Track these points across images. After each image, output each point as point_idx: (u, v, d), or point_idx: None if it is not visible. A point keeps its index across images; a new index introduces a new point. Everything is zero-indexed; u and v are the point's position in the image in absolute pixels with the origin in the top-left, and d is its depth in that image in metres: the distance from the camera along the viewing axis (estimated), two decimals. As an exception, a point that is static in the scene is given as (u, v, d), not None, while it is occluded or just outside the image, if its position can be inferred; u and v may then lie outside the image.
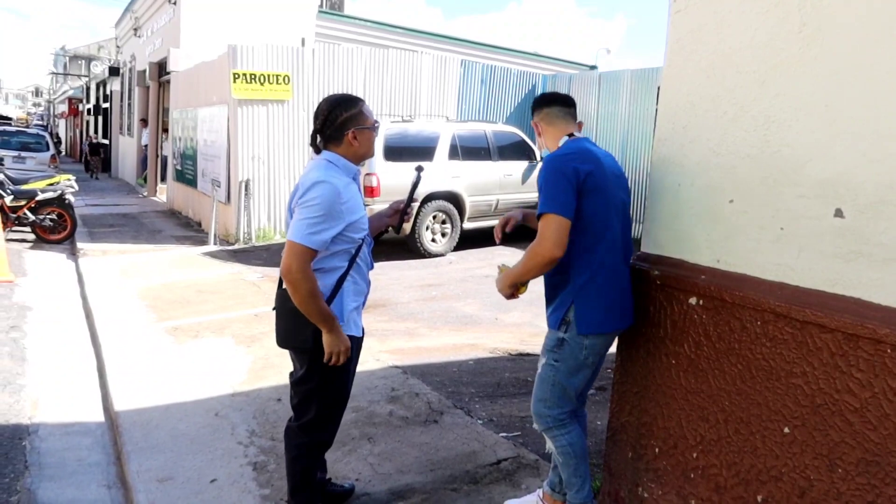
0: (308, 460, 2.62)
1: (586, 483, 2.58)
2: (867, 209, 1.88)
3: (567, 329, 2.43)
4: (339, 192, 2.33)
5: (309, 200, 2.29)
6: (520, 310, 6.29)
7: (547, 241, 2.28)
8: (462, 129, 9.36)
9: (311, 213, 2.28)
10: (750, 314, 2.17)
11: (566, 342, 2.44)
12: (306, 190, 2.32)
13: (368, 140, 2.51)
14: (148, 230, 11.24)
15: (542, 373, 2.53)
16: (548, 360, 2.50)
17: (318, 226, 2.28)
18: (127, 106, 20.41)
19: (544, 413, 2.54)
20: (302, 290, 2.28)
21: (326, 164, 2.43)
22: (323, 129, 2.47)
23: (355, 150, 2.47)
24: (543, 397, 2.53)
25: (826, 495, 1.97)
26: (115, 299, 6.63)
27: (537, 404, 2.56)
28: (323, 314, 2.34)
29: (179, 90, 13.58)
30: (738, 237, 2.24)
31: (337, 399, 2.59)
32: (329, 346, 2.38)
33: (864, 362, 1.87)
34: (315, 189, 2.30)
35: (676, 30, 2.48)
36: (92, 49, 37.16)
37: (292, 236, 2.29)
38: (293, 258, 2.27)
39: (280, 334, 2.52)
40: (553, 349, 2.48)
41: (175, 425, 3.73)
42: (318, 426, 2.56)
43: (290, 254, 2.28)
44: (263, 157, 9.98)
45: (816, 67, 2.00)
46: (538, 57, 20.49)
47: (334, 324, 2.38)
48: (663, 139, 2.52)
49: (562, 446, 2.55)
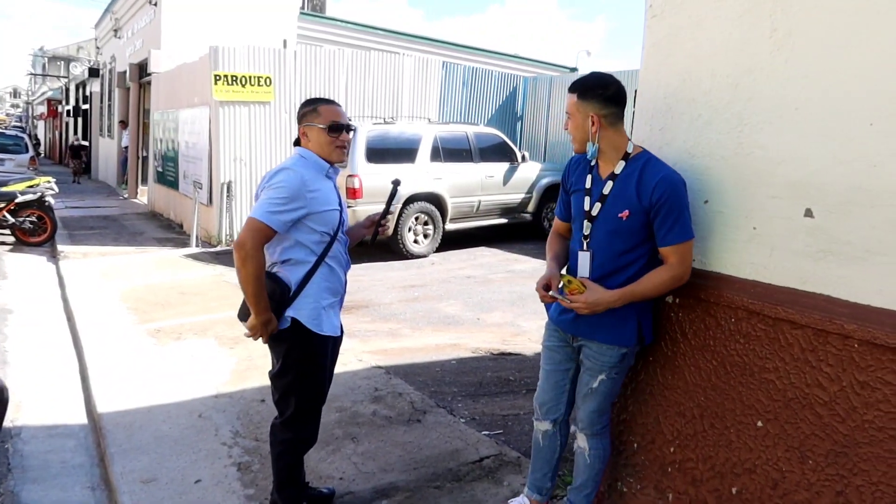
0: (292, 457, 2.66)
1: (596, 489, 2.57)
2: (836, 209, 1.95)
3: (633, 344, 2.37)
4: (304, 180, 2.41)
5: (274, 184, 2.39)
6: (501, 310, 6.35)
7: (689, 268, 2.24)
8: (444, 130, 9.40)
9: (274, 194, 2.36)
10: (724, 311, 2.23)
11: (627, 356, 2.39)
12: (272, 175, 2.43)
13: (318, 138, 2.50)
14: (129, 232, 11.16)
15: (598, 387, 2.40)
16: (608, 376, 2.39)
17: (280, 206, 2.35)
18: (107, 107, 20.23)
19: (597, 420, 2.48)
20: (249, 266, 2.33)
21: (296, 158, 2.53)
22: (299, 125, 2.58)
23: (313, 147, 2.52)
24: (599, 408, 2.45)
25: (797, 486, 2.04)
26: (97, 301, 6.59)
27: (592, 415, 2.46)
28: (256, 296, 2.37)
29: (160, 91, 13.49)
30: (713, 237, 2.30)
31: (314, 394, 2.62)
32: (250, 321, 2.43)
33: (832, 357, 1.94)
34: (280, 174, 2.41)
35: (653, 34, 2.54)
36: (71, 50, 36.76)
37: (253, 213, 2.36)
38: (250, 233, 2.33)
39: (243, 308, 2.56)
40: (615, 364, 2.37)
41: (159, 427, 3.73)
42: (298, 422, 2.60)
43: (248, 229, 2.34)
44: (245, 158, 9.96)
45: (787, 71, 2.07)
46: (519, 59, 20.59)
47: (262, 308, 2.39)
48: (640, 141, 2.57)
49: (597, 449, 2.51)
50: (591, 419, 2.47)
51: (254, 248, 2.33)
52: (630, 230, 2.25)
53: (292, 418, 2.59)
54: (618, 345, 2.34)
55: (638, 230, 2.25)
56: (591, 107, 2.25)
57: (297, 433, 2.62)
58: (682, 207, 2.20)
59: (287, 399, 2.58)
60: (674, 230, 2.19)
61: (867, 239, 1.88)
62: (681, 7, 2.41)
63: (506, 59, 19.70)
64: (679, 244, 2.20)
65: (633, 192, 2.23)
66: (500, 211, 9.91)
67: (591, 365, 2.40)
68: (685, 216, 2.20)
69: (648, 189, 2.20)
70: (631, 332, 2.33)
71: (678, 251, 2.21)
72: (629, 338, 2.33)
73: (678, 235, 2.19)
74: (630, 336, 2.33)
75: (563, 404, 2.56)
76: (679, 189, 2.21)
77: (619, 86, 2.27)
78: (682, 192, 2.21)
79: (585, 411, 2.47)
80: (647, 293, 2.27)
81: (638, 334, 2.34)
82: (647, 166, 2.25)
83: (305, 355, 2.53)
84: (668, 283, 2.24)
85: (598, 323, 2.33)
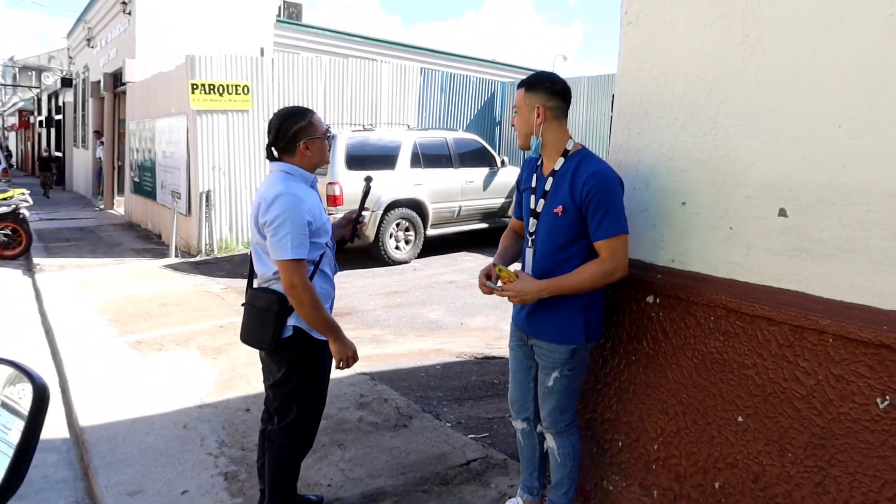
0: (290, 461, 2.68)
1: (573, 486, 2.59)
2: (808, 208, 2.01)
3: (580, 344, 2.40)
4: (300, 199, 2.41)
5: (278, 217, 2.36)
6: (484, 314, 6.39)
7: (622, 262, 2.26)
8: (423, 137, 9.44)
9: (284, 228, 2.35)
10: (703, 310, 2.29)
11: (578, 352, 2.41)
12: (269, 205, 2.38)
13: (320, 149, 2.57)
14: (106, 244, 11.04)
15: (554, 385, 2.44)
16: (561, 373, 2.42)
17: (297, 237, 2.36)
18: (81, 118, 19.97)
19: (559, 418, 2.50)
20: (306, 301, 2.38)
21: (284, 176, 2.50)
22: (276, 141, 2.54)
23: (309, 159, 2.54)
24: (559, 406, 2.48)
25: (778, 479, 2.09)
26: (75, 314, 6.51)
27: (553, 412, 2.49)
28: (327, 323, 2.47)
29: (136, 101, 13.37)
30: (691, 237, 2.35)
31: (316, 399, 2.66)
32: (337, 353, 2.51)
33: (808, 352, 2.00)
34: (278, 203, 2.37)
35: (629, 40, 2.59)
36: (42, 60, 36.27)
37: (281, 255, 2.36)
38: (292, 274, 2.35)
39: (245, 330, 2.59)
40: (566, 361, 2.40)
41: (143, 439, 3.71)
42: (299, 427, 2.63)
43: (287, 271, 2.36)
44: (224, 167, 9.91)
45: (759, 75, 2.13)
46: (497, 64, 20.70)
47: (339, 332, 2.51)
48: (619, 145, 2.63)
49: (565, 447, 2.53)
50: (552, 417, 2.50)
51: (301, 283, 2.37)
52: (566, 226, 2.31)
53: (293, 424, 2.61)
54: (564, 343, 2.38)
55: (573, 226, 2.31)
56: (537, 98, 2.33)
57: (296, 438, 2.64)
58: (611, 201, 2.25)
59: (289, 405, 2.60)
60: (603, 224, 2.24)
61: (839, 237, 1.94)
62: (655, 14, 2.47)
63: (483, 65, 19.78)
64: (609, 238, 2.24)
65: (567, 187, 2.30)
66: (481, 216, 9.96)
67: (544, 364, 2.46)
68: (616, 210, 2.25)
69: (580, 184, 2.26)
70: (577, 330, 2.36)
71: (609, 245, 2.25)
72: (575, 335, 2.37)
73: (608, 230, 2.23)
74: (576, 334, 2.37)
75: (531, 402, 2.61)
76: (610, 183, 2.26)
77: (566, 84, 2.40)
78: (613, 187, 2.26)
79: (546, 410, 2.51)
80: (576, 285, 2.29)
81: (584, 332, 2.37)
82: (581, 163, 2.32)
83: (309, 362, 2.57)
84: (599, 277, 2.27)
85: (546, 321, 2.39)
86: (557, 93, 2.34)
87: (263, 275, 2.55)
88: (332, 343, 2.51)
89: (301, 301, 2.38)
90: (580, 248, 2.33)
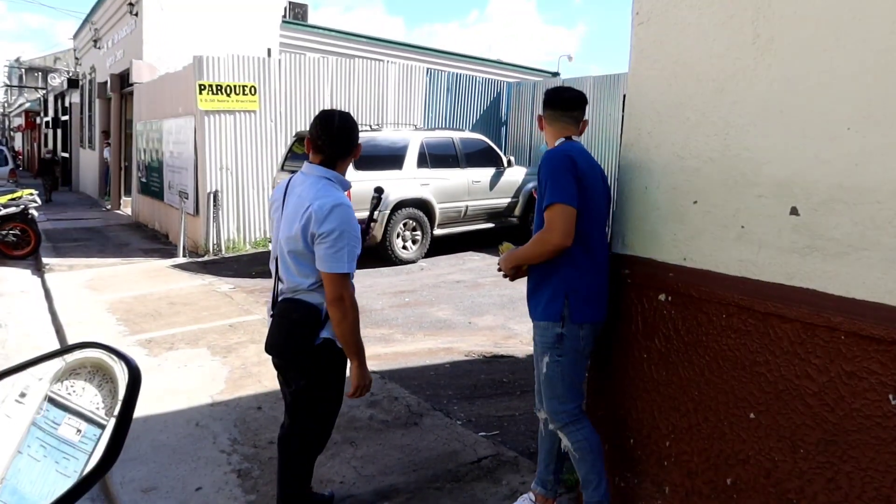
0: (306, 463, 2.72)
1: (603, 480, 2.56)
2: (820, 207, 2.03)
3: (564, 323, 2.49)
4: (352, 210, 2.42)
5: (336, 229, 2.33)
6: (492, 313, 6.42)
7: (557, 231, 2.39)
8: (430, 136, 9.47)
9: (342, 241, 2.34)
10: (715, 308, 2.31)
11: (565, 336, 2.49)
12: (326, 215, 2.34)
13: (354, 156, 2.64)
14: (114, 244, 11.10)
15: (547, 372, 2.54)
16: (551, 358, 2.53)
17: (353, 251, 2.39)
18: (87, 118, 20.08)
19: (559, 409, 2.56)
20: (350, 318, 2.40)
21: (328, 183, 2.46)
22: (337, 146, 2.49)
23: (347, 163, 2.57)
24: (556, 394, 2.55)
25: (790, 474, 2.11)
26: (85, 313, 6.56)
27: (551, 402, 2.57)
28: (359, 346, 2.48)
29: (143, 102, 13.44)
30: (703, 236, 2.37)
31: (335, 404, 2.70)
32: (357, 378, 2.52)
33: (820, 349, 2.01)
34: (336, 214, 2.34)
35: (640, 40, 2.62)
36: (48, 61, 36.40)
37: (336, 269, 2.34)
38: (342, 288, 2.37)
39: (273, 341, 2.58)
40: (554, 346, 2.51)
41: (156, 436, 3.75)
42: (316, 432, 2.68)
43: (338, 285, 2.36)
44: (231, 167, 9.96)
45: (770, 75, 2.15)
46: (502, 65, 20.74)
47: (364, 357, 2.53)
48: (630, 144, 2.66)
49: (578, 441, 2.55)
50: (552, 408, 2.57)
51: (351, 299, 2.40)
52: (539, 208, 2.53)
53: (311, 429, 2.66)
54: (546, 320, 2.52)
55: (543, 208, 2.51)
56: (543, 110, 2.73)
57: (312, 442, 2.69)
58: (548, 175, 2.45)
59: (311, 409, 2.63)
60: (545, 194, 2.44)
61: (850, 235, 1.96)
62: (666, 14, 2.49)
63: (489, 65, 19.82)
64: (546, 209, 2.43)
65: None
66: (487, 216, 9.98)
67: (537, 349, 2.60)
68: (552, 183, 2.43)
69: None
70: (557, 308, 2.49)
71: (546, 215, 2.44)
72: (555, 313, 2.50)
73: (547, 198, 2.43)
74: (557, 312, 2.50)
75: None
76: (550, 162, 2.47)
77: (551, 92, 2.72)
78: (552, 165, 2.46)
79: (546, 401, 2.60)
80: (524, 254, 2.55)
81: (565, 312, 2.49)
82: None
83: (336, 369, 2.60)
84: (540, 245, 2.47)
85: (535, 301, 2.58)
86: (545, 102, 2.69)
87: (295, 285, 2.48)
88: (355, 368, 2.50)
89: (345, 316, 2.38)
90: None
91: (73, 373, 0.96)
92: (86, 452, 0.91)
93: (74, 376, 0.95)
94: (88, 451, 0.91)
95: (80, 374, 0.96)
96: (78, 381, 0.95)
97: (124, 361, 0.93)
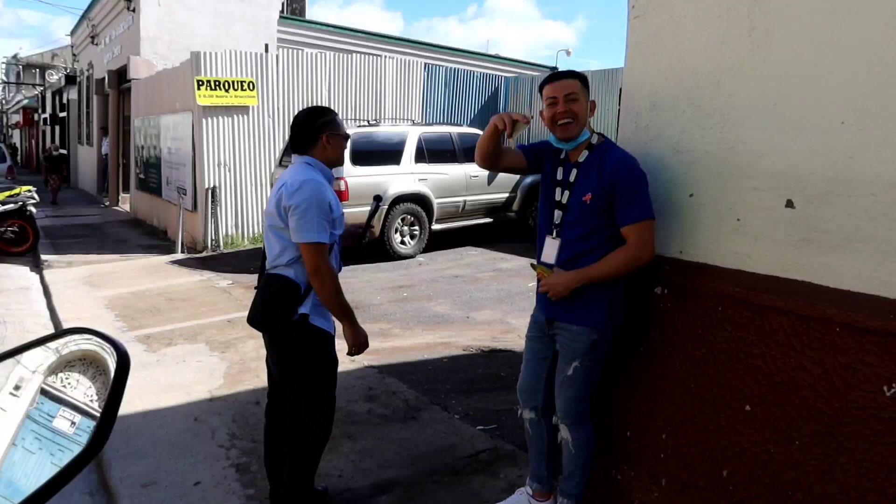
0: (309, 455, 2.74)
1: (585, 476, 2.62)
2: (815, 199, 2.04)
3: (605, 329, 2.43)
4: (324, 185, 2.55)
5: (303, 202, 2.45)
6: (490, 308, 6.42)
7: (649, 247, 2.32)
8: (428, 131, 9.46)
9: (311, 212, 2.45)
10: (711, 301, 2.31)
11: (599, 344, 2.44)
12: (295, 189, 2.48)
13: (340, 146, 2.69)
14: (112, 240, 11.10)
15: (573, 374, 2.48)
16: (581, 364, 2.46)
17: (320, 220, 2.46)
18: (85, 115, 20.05)
19: (575, 409, 2.54)
20: (329, 285, 2.50)
21: (306, 167, 2.61)
22: (301, 133, 2.65)
23: (328, 154, 2.66)
24: (577, 396, 2.52)
25: (785, 466, 2.12)
26: (84, 310, 6.57)
27: (569, 402, 2.53)
28: (344, 307, 2.58)
29: (140, 98, 13.42)
30: (699, 229, 2.38)
31: (324, 390, 2.71)
32: (351, 337, 2.61)
33: (816, 341, 2.02)
34: (303, 189, 2.48)
35: (636, 34, 2.61)
36: (46, 57, 36.28)
37: (306, 238, 2.45)
38: (317, 257, 2.46)
39: (254, 313, 2.66)
40: (588, 353, 2.44)
41: (155, 431, 3.76)
42: (312, 419, 2.71)
43: (313, 254, 2.46)
44: (229, 163, 9.95)
45: (766, 68, 2.15)
46: (500, 59, 20.71)
47: (353, 317, 2.62)
48: (627, 138, 2.66)
49: (579, 439, 2.56)
50: (567, 407, 2.55)
51: (327, 267, 2.49)
52: (594, 214, 2.38)
53: (305, 417, 2.68)
54: (587, 326, 2.42)
55: (600, 213, 2.37)
56: (586, 93, 2.46)
57: (309, 431, 2.71)
58: (638, 187, 2.33)
59: (299, 397, 2.67)
60: (631, 210, 2.31)
61: (845, 227, 1.96)
62: (662, 7, 2.49)
63: (487, 60, 19.80)
64: (637, 223, 2.31)
65: (595, 176, 2.38)
66: (486, 210, 9.98)
67: (565, 352, 2.50)
68: (642, 196, 2.32)
69: (607, 172, 2.35)
70: (601, 314, 2.41)
71: (636, 231, 2.31)
72: (598, 318, 2.41)
73: (635, 214, 2.31)
74: (599, 317, 2.41)
75: (541, 392, 2.66)
76: (636, 170, 2.35)
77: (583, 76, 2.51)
78: (638, 174, 2.35)
79: (562, 399, 2.56)
80: (606, 273, 2.36)
81: (608, 317, 2.42)
82: (608, 152, 2.42)
83: (316, 353, 2.64)
84: (626, 263, 2.34)
85: (571, 305, 2.44)
86: (586, 84, 2.48)
87: (275, 259, 2.61)
88: (346, 328, 2.61)
89: (325, 283, 2.48)
90: (607, 236, 2.39)
91: (68, 365, 0.96)
92: (80, 445, 0.91)
93: (69, 368, 0.96)
94: (83, 444, 0.91)
95: (74, 367, 0.96)
96: (72, 374, 0.96)
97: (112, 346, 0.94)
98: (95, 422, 0.92)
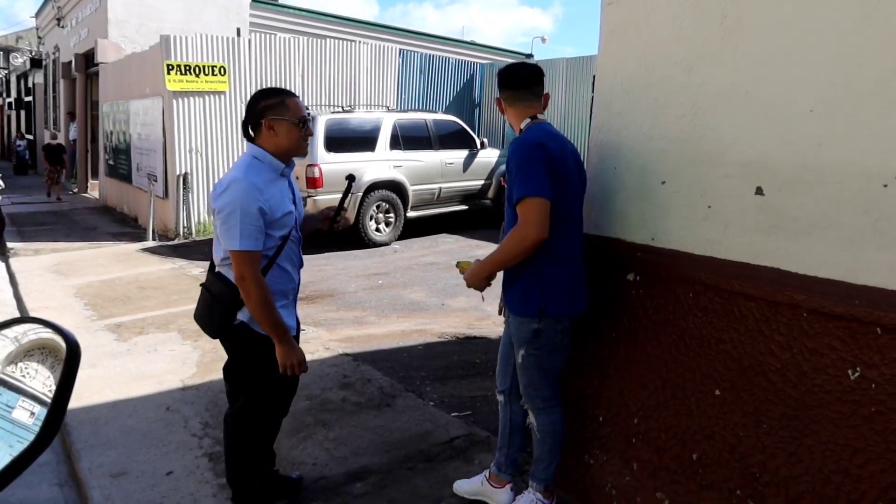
0: (241, 449, 2.64)
1: (554, 461, 2.62)
2: (784, 187, 2.06)
3: (541, 318, 2.41)
4: (257, 187, 2.28)
5: (225, 207, 2.27)
6: (465, 295, 6.43)
7: (532, 225, 2.24)
8: (403, 118, 9.41)
9: (234, 217, 2.25)
10: (682, 287, 2.34)
11: (542, 332, 2.43)
12: (221, 192, 2.30)
13: (288, 133, 2.39)
14: (81, 227, 10.90)
15: (522, 363, 2.52)
16: (526, 352, 2.49)
17: (246, 227, 2.26)
18: (52, 99, 19.60)
19: (533, 395, 2.56)
20: (254, 297, 2.28)
21: (250, 161, 2.39)
22: (247, 119, 2.44)
23: (276, 142, 2.39)
24: (530, 383, 2.54)
25: (753, 449, 2.16)
26: (52, 299, 6.44)
27: (527, 390, 2.56)
28: (273, 323, 2.34)
29: (109, 82, 13.14)
30: (670, 216, 2.40)
31: (264, 394, 2.57)
32: (281, 357, 2.39)
33: (783, 326, 2.05)
34: (228, 192, 2.28)
35: (609, 21, 2.62)
36: (10, 40, 35.33)
37: (230, 246, 2.27)
38: (242, 266, 2.26)
39: (197, 312, 2.57)
40: (531, 341, 2.46)
41: (125, 421, 3.71)
42: (247, 417, 2.59)
43: (238, 262, 2.27)
44: (201, 149, 9.81)
45: (737, 56, 2.17)
46: (475, 46, 20.64)
47: (285, 335, 2.38)
48: (600, 126, 2.66)
49: (545, 424, 2.58)
50: (526, 393, 2.59)
51: (251, 276, 2.26)
52: (509, 199, 2.41)
53: (241, 413, 2.59)
54: (523, 315, 2.44)
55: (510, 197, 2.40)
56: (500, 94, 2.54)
57: (243, 427, 2.61)
58: (520, 165, 2.30)
59: (236, 393, 2.61)
60: (514, 189, 2.30)
61: (813, 214, 1.99)
62: (635, -5, 2.49)
63: (462, 46, 19.73)
64: (519, 202, 2.28)
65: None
66: (461, 198, 9.98)
67: (515, 339, 2.55)
68: (524, 174, 2.28)
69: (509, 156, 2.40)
70: (535, 304, 2.40)
71: (521, 209, 2.28)
72: (532, 309, 2.41)
73: (516, 192, 2.29)
74: (534, 307, 2.40)
75: (510, 376, 2.69)
76: (522, 149, 2.33)
77: (505, 71, 2.53)
78: (524, 152, 2.31)
79: (522, 386, 2.61)
80: (503, 257, 2.37)
81: (541, 307, 2.39)
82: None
83: (257, 356, 2.46)
84: (515, 243, 2.29)
85: (511, 295, 2.48)
86: (501, 83, 2.51)
87: (218, 255, 2.44)
88: (276, 346, 2.37)
89: (249, 295, 2.28)
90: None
91: (27, 355, 0.94)
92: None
93: (28, 358, 0.94)
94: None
95: (33, 356, 0.94)
96: (31, 363, 0.93)
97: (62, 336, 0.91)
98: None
